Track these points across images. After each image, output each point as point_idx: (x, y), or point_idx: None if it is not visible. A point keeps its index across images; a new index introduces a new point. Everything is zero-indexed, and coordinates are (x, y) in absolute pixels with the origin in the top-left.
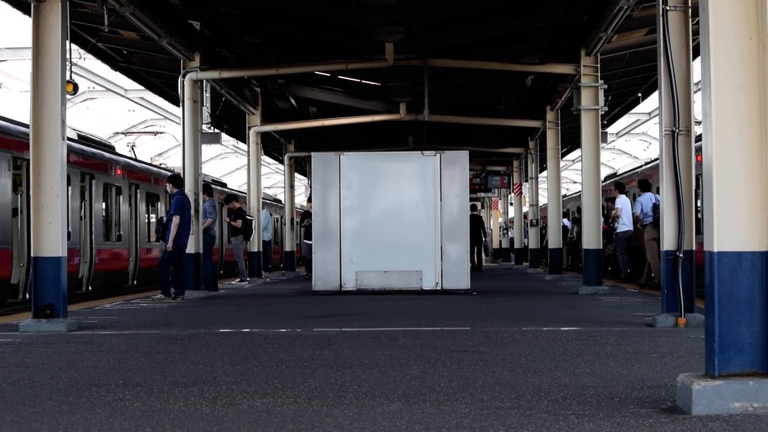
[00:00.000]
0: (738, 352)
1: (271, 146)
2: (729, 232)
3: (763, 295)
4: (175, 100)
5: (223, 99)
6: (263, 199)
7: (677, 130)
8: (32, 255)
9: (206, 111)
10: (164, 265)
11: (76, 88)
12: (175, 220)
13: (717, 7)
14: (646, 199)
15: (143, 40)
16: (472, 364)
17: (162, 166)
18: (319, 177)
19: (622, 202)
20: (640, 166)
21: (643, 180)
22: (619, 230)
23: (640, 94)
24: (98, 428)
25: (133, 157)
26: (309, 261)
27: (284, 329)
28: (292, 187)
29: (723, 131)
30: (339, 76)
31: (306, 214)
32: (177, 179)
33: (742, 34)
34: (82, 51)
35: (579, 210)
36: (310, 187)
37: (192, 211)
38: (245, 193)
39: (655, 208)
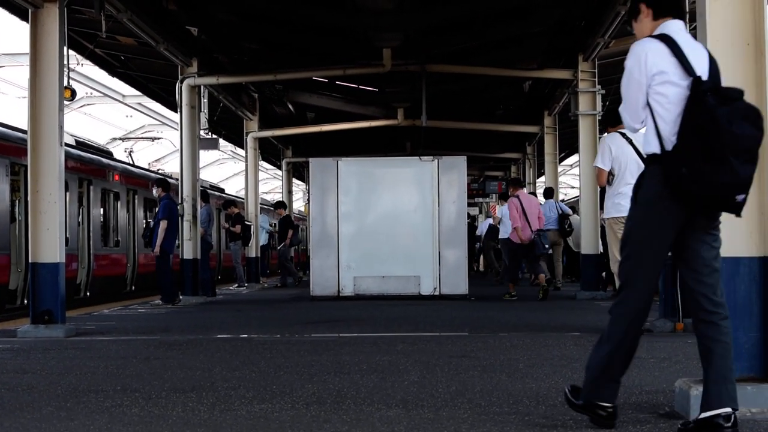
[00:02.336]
0: (736, 357)
1: (269, 152)
2: (726, 238)
3: (761, 300)
4: (172, 106)
5: (221, 105)
6: (261, 204)
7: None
8: (30, 261)
9: (204, 117)
10: (161, 272)
11: (73, 94)
12: (163, 224)
13: (714, 12)
14: (546, 207)
15: (141, 46)
16: (470, 370)
17: (160, 171)
18: (317, 182)
19: (504, 210)
20: None
21: (547, 188)
22: (501, 236)
23: None
24: None
25: (131, 162)
26: (284, 266)
27: (282, 335)
28: (290, 192)
29: None
30: (337, 82)
31: (283, 221)
32: (164, 183)
33: (740, 40)
34: (79, 57)
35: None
36: (303, 193)
37: (190, 217)
38: (243, 199)
39: (561, 217)
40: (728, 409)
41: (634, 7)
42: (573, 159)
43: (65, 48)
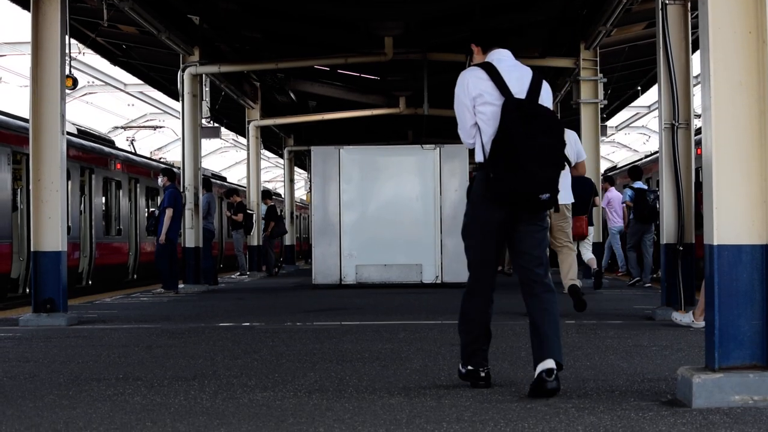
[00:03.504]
0: (738, 345)
1: (271, 140)
2: (729, 226)
3: (763, 288)
4: (174, 95)
5: (223, 93)
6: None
7: (677, 124)
8: (32, 249)
9: (206, 105)
10: (162, 259)
11: (75, 82)
12: (169, 212)
13: (716, 0)
14: None
15: (142, 35)
16: None
17: (161, 160)
18: (318, 171)
19: None
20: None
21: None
22: None
23: (639, 88)
24: (99, 422)
25: (133, 151)
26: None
27: (284, 323)
28: (291, 181)
29: (722, 125)
30: (338, 71)
31: (268, 212)
32: (170, 172)
33: (742, 28)
34: (81, 46)
35: None
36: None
37: (192, 205)
38: (245, 187)
39: None
40: (551, 362)
41: (469, 49)
42: None
43: (67, 37)
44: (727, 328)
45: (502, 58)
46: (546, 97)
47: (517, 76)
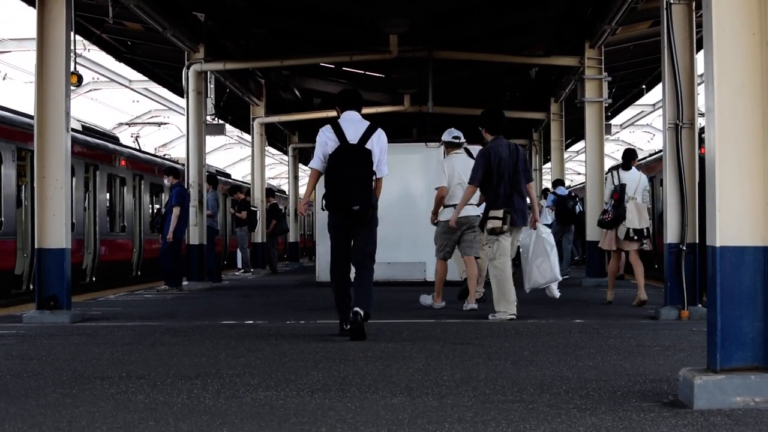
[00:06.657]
0: (740, 346)
1: (276, 137)
2: (731, 227)
3: (765, 289)
4: (179, 91)
5: (228, 90)
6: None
7: (680, 123)
8: (36, 246)
9: (210, 102)
10: (165, 256)
11: (80, 79)
12: (176, 211)
13: (720, 2)
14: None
15: (147, 32)
16: (474, 357)
17: (166, 157)
18: None
19: None
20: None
21: None
22: None
23: (644, 86)
24: (102, 421)
25: (137, 148)
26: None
27: (288, 321)
28: (296, 177)
29: (726, 126)
30: (343, 68)
31: (270, 210)
32: (176, 171)
33: (745, 30)
34: (86, 42)
35: None
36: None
37: (195, 202)
38: (249, 184)
39: None
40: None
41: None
42: (579, 145)
43: (72, 33)
44: (729, 330)
45: (347, 117)
46: (375, 142)
47: (355, 128)
